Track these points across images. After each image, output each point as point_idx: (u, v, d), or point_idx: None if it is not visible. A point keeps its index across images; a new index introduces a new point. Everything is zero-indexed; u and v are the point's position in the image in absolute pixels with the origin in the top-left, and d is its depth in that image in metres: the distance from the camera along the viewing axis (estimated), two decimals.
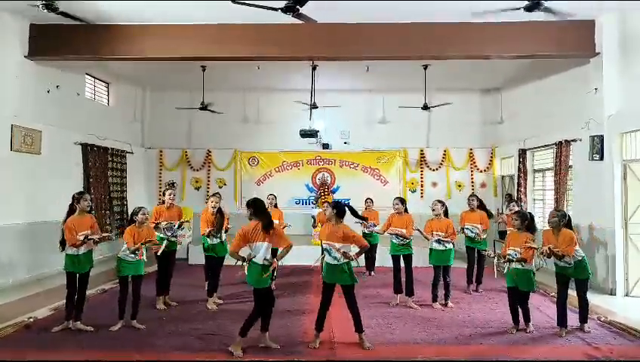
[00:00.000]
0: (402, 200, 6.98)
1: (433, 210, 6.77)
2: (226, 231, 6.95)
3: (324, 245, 5.22)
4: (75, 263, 5.45)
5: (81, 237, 5.41)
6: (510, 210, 7.54)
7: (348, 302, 5.08)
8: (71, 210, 5.54)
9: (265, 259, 4.78)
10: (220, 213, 6.79)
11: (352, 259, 5.08)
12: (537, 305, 6.64)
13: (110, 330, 5.42)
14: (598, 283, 7.62)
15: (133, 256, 5.54)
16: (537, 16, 7.27)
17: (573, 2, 7.09)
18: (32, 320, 5.80)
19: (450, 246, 6.67)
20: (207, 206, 6.80)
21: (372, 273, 8.90)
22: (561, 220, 5.42)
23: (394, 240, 6.83)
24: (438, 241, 6.66)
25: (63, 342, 5.05)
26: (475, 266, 7.65)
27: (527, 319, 5.57)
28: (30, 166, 8.22)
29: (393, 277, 6.88)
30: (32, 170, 8.25)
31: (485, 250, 6.92)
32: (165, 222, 6.60)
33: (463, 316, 6.20)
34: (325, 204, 5.22)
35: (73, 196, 5.57)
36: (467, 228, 7.53)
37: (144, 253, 5.66)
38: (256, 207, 4.90)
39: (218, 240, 6.71)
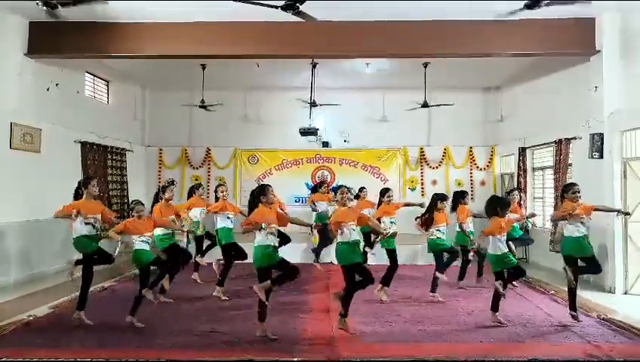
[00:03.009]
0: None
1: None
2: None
3: (352, 226, 5.28)
4: (90, 243, 5.61)
5: (90, 220, 5.62)
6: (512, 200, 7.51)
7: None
8: (77, 196, 5.72)
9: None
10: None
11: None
12: (537, 304, 6.64)
13: (137, 326, 5.43)
14: (598, 281, 7.61)
15: (146, 243, 5.59)
16: (537, 13, 7.25)
17: (574, 1, 7.10)
18: (31, 318, 5.80)
19: None
20: (220, 196, 7.12)
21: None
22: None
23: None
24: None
25: (62, 340, 5.05)
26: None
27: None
28: (30, 164, 8.21)
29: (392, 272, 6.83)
30: (31, 168, 8.23)
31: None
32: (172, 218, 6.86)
33: (463, 313, 6.20)
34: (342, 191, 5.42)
35: (79, 182, 5.77)
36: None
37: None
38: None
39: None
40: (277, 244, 5.24)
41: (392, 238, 6.75)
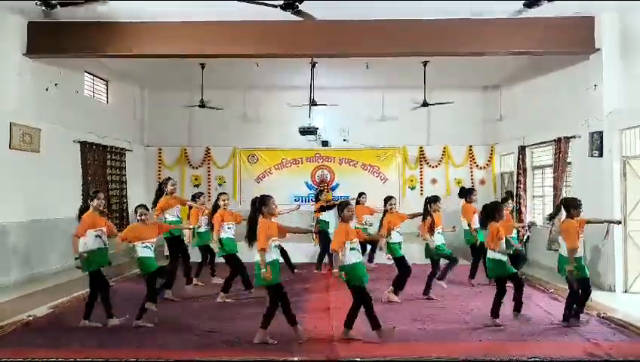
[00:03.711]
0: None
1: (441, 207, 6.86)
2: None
3: (353, 246, 5.10)
4: (96, 259, 5.54)
5: (98, 232, 5.58)
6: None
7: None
8: (85, 208, 5.69)
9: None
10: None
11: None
12: (537, 302, 6.65)
13: (146, 325, 5.45)
14: (598, 279, 7.61)
15: (149, 249, 5.55)
16: (537, 12, 7.26)
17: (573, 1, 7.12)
18: (31, 318, 5.80)
19: None
20: (221, 205, 6.98)
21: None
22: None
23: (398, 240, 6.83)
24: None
25: (62, 340, 5.05)
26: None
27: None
28: (29, 164, 8.20)
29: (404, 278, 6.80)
30: (30, 168, 8.23)
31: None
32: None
33: (463, 312, 6.20)
34: (350, 206, 5.30)
35: (89, 194, 5.86)
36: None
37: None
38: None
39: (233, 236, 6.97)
40: (280, 258, 5.15)
41: (397, 245, 6.77)
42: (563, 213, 5.76)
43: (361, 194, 8.91)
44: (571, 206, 5.59)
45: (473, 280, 7.78)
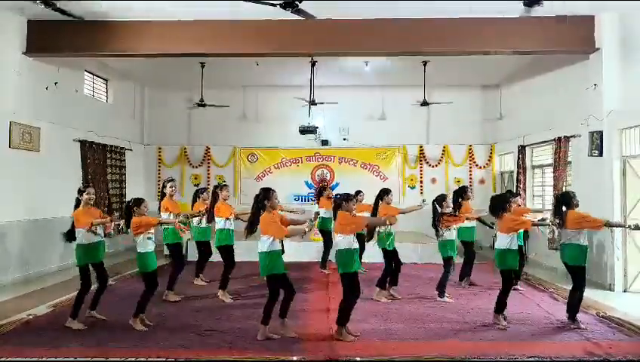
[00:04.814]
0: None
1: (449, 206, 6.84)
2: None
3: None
4: (89, 253, 5.53)
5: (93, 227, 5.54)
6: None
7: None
8: (77, 204, 5.70)
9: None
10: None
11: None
12: (537, 302, 6.65)
13: (142, 329, 5.37)
14: (597, 278, 7.62)
15: (152, 241, 5.45)
16: (537, 11, 7.25)
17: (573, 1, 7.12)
18: (31, 317, 5.80)
19: None
20: (220, 198, 6.98)
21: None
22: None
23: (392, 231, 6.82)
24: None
25: (62, 340, 5.04)
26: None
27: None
28: (29, 163, 8.20)
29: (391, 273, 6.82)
30: (30, 167, 8.23)
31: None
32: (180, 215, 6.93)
33: (462, 311, 6.20)
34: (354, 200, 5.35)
35: (79, 189, 5.76)
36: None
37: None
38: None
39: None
40: (283, 249, 5.15)
41: (391, 236, 6.73)
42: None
43: (358, 193, 8.83)
44: (571, 198, 5.62)
45: (471, 279, 7.71)
